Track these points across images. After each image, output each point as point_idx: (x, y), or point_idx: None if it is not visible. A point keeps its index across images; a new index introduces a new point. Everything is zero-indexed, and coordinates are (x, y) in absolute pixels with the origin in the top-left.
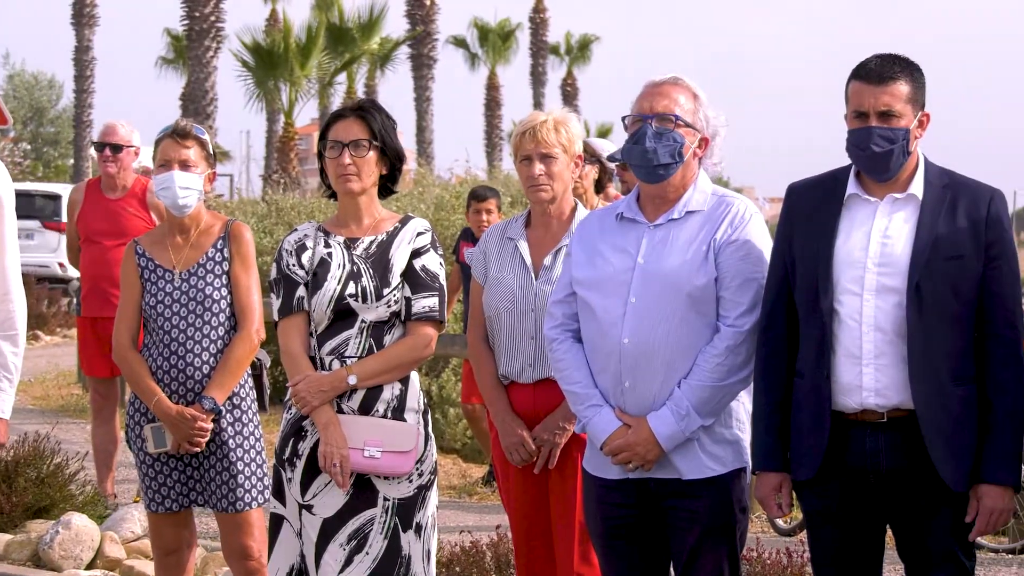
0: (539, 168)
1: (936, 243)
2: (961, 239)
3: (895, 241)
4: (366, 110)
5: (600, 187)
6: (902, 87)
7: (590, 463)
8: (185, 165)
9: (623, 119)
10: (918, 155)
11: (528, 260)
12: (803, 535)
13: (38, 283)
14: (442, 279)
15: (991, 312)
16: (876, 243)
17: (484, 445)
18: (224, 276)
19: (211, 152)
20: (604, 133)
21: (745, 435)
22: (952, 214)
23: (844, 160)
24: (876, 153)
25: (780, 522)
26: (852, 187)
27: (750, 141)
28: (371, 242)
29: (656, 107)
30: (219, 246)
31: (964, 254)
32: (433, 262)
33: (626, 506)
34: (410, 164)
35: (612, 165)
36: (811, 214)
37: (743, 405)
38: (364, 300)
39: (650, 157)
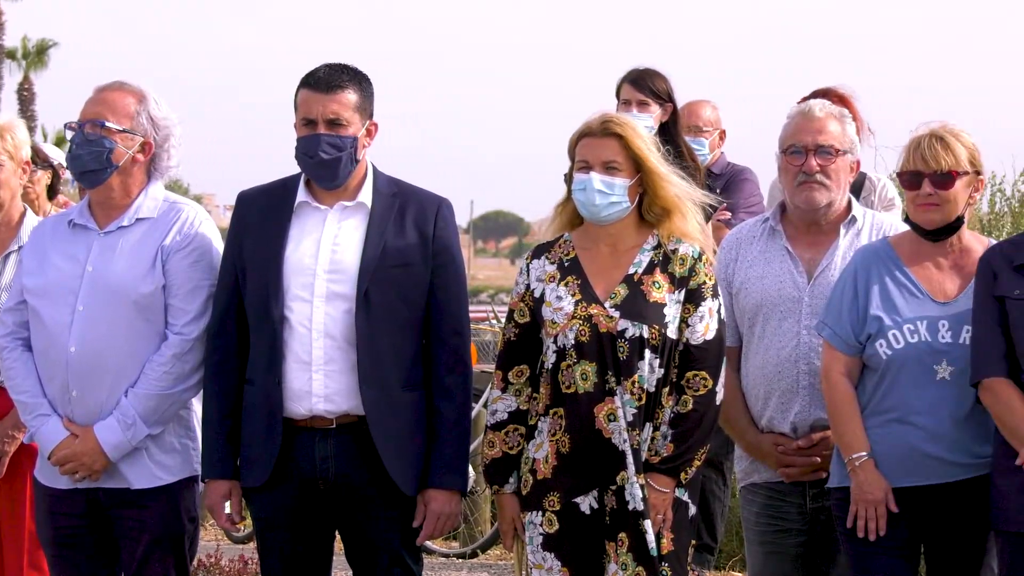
0: None
1: (385, 251)
2: (409, 247)
3: (345, 248)
4: None
5: (52, 193)
6: (350, 96)
7: (41, 473)
8: None
9: (65, 126)
10: (367, 163)
11: None
12: None
13: None
14: None
15: (438, 319)
16: (326, 250)
17: None
18: None
19: None
20: (62, 139)
21: (196, 443)
22: (400, 223)
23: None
24: (324, 160)
25: (236, 530)
26: (302, 195)
27: (213, 149)
28: None
29: (89, 114)
30: None
31: (412, 262)
32: None
33: (75, 516)
34: None
35: (65, 171)
36: (261, 221)
37: (195, 413)
38: None
39: (79, 163)
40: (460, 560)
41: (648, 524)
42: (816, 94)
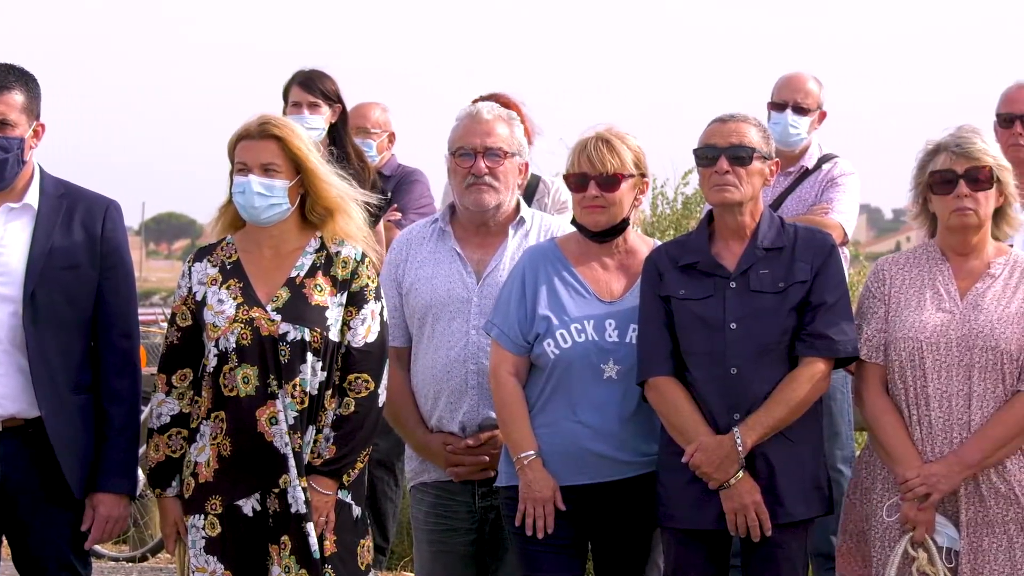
0: None
1: (52, 253)
2: (77, 249)
3: (11, 250)
4: None
5: None
6: (17, 96)
7: None
8: None
9: None
10: (33, 165)
11: None
12: None
13: None
14: None
15: (106, 322)
16: None
17: None
18: None
19: None
20: None
21: None
22: (68, 224)
23: None
24: None
25: None
26: None
27: None
28: None
29: None
30: None
31: (80, 264)
32: None
33: None
34: None
35: None
36: None
37: None
38: None
39: None
40: (130, 564)
41: (310, 527)
42: (485, 99)
